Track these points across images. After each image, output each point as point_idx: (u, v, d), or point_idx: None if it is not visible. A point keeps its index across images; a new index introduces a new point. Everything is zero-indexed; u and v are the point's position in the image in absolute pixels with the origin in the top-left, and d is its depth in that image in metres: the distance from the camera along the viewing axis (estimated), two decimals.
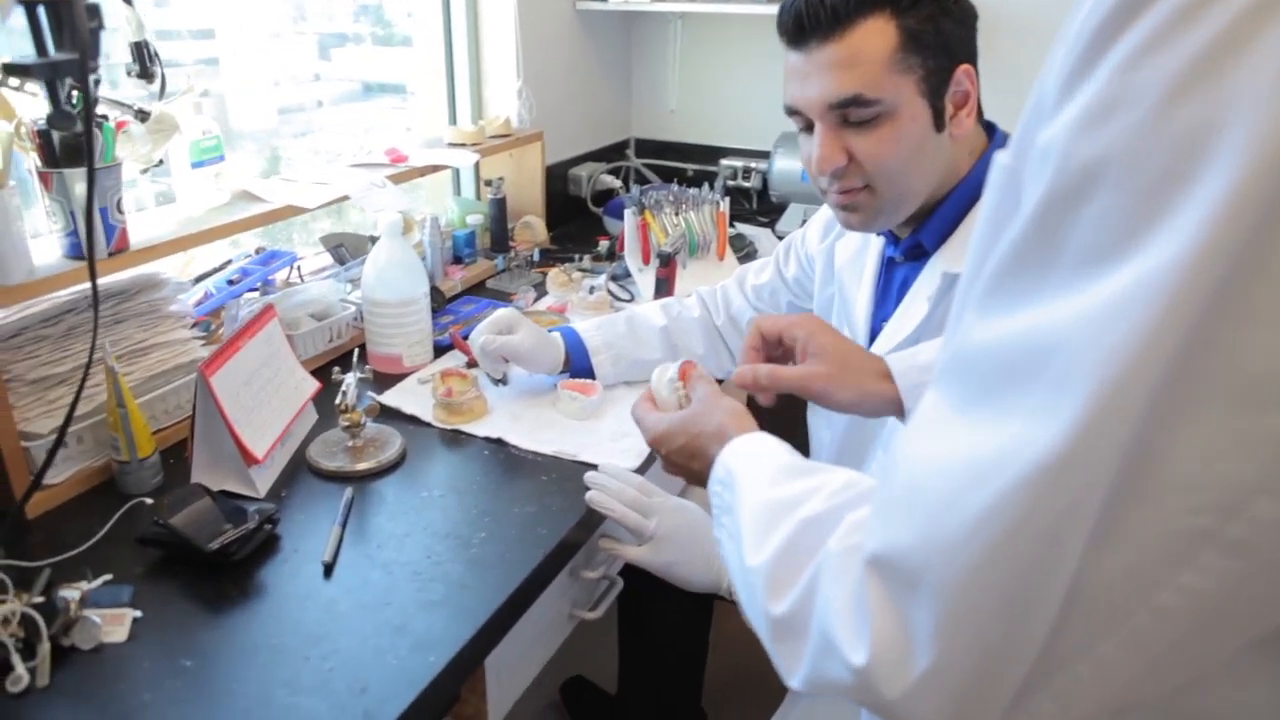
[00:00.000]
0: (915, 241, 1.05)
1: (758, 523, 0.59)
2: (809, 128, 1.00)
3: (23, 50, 0.89)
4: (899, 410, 0.85)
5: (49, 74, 0.82)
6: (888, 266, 1.12)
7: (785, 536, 0.55)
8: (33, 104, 0.97)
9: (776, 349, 0.90)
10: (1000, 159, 0.42)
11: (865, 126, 0.95)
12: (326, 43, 1.84)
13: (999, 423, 0.37)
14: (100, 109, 1.02)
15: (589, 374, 1.28)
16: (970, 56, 0.98)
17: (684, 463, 0.84)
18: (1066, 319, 0.35)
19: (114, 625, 0.82)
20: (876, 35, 0.93)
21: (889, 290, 1.13)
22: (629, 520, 1.03)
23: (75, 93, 0.93)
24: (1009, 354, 0.37)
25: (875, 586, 0.43)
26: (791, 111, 1.01)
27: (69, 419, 0.82)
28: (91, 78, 0.93)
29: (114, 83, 1.21)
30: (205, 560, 0.89)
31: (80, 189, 0.96)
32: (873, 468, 1.07)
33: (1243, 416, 0.33)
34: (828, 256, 1.23)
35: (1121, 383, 0.33)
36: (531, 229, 1.94)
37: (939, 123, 0.97)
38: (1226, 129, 0.31)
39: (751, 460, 0.69)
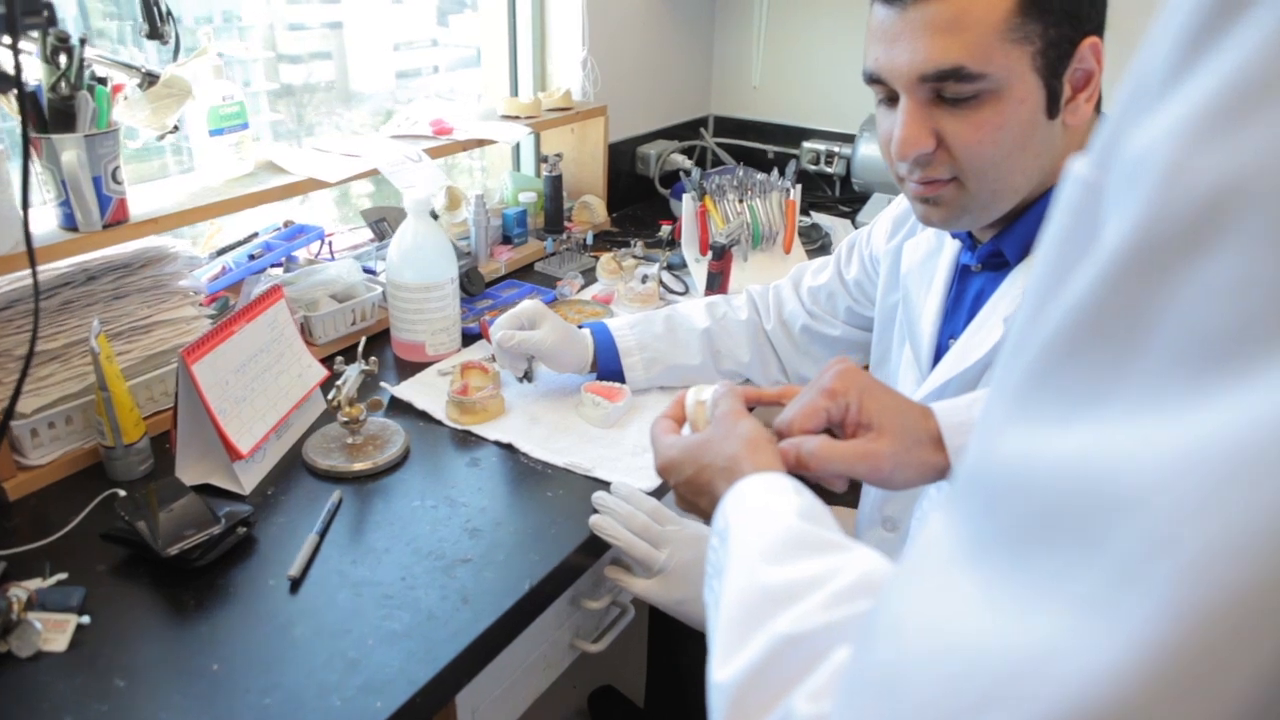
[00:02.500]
0: (995, 249, 0.89)
1: (735, 617, 0.47)
2: (892, 99, 0.84)
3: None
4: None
5: None
6: (961, 275, 0.97)
7: (759, 655, 0.43)
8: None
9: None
10: (1076, 168, 0.28)
11: (963, 105, 0.78)
12: (445, 8, 1.84)
13: (1032, 603, 0.24)
14: (101, 71, 0.95)
15: (619, 377, 1.17)
16: (1099, 28, 0.80)
17: (692, 498, 0.72)
18: (1160, 454, 0.21)
19: (55, 632, 0.76)
20: None
21: (961, 302, 0.97)
22: (636, 550, 0.91)
23: (63, 55, 0.87)
24: (1057, 489, 0.23)
25: None
26: (873, 79, 0.84)
27: (10, 411, 0.76)
28: (76, 37, 0.87)
29: (138, 46, 1.16)
30: (167, 564, 0.83)
31: (69, 156, 0.90)
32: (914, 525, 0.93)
33: None
34: (894, 258, 1.08)
35: (1253, 585, 0.19)
36: (590, 209, 1.84)
37: (1053, 107, 0.80)
38: None
39: (753, 519, 0.56)
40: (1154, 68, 0.23)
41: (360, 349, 1.08)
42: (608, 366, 1.17)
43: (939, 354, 0.97)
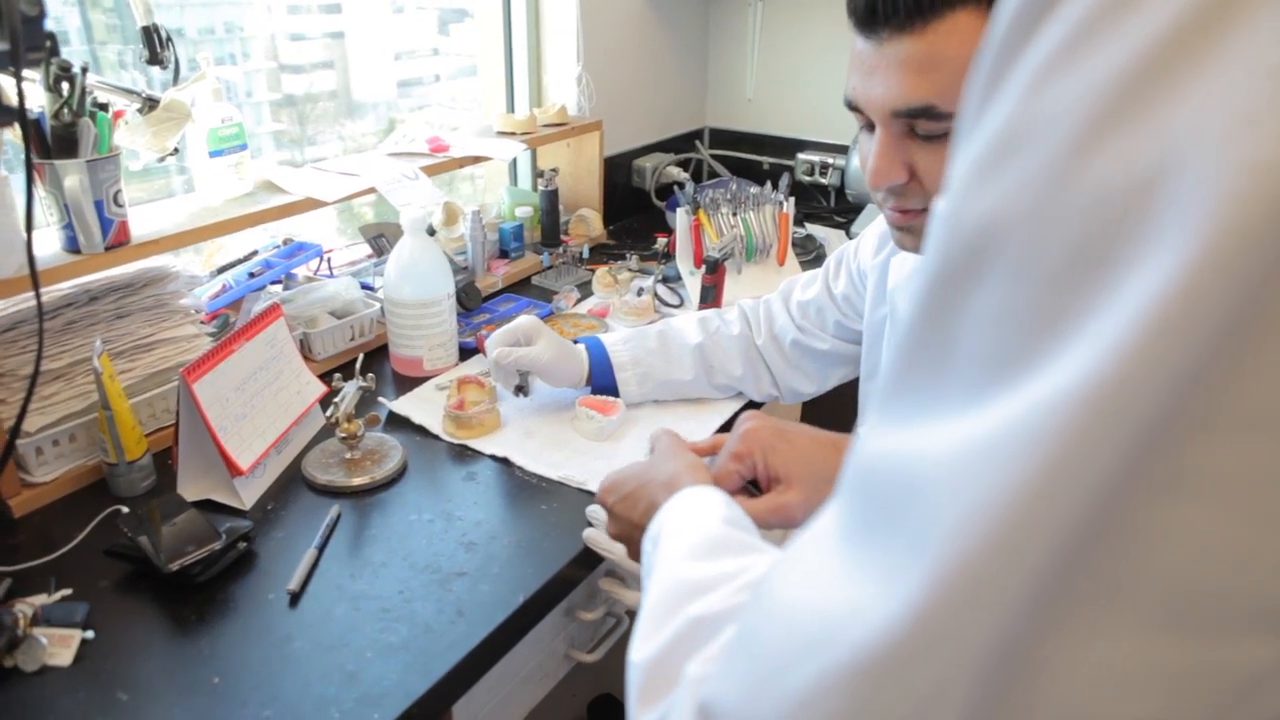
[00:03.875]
0: None
1: (656, 607, 0.51)
2: (870, 127, 0.85)
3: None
4: None
5: None
6: None
7: (670, 635, 0.46)
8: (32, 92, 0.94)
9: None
10: (938, 206, 0.31)
11: (935, 142, 0.79)
12: (446, 18, 1.87)
13: (859, 572, 0.28)
14: (102, 96, 0.98)
15: (612, 391, 1.19)
16: None
17: (627, 513, 0.77)
18: (941, 450, 0.25)
19: (60, 647, 0.78)
20: (963, 34, 0.75)
21: None
22: (628, 563, 0.93)
23: (65, 83, 0.89)
24: (886, 482, 0.28)
25: None
26: (851, 107, 0.85)
27: (16, 430, 0.78)
28: (78, 66, 0.89)
29: (141, 70, 1.19)
30: (169, 579, 0.84)
31: (71, 181, 0.92)
32: None
33: (1157, 637, 0.22)
34: (881, 273, 1.10)
35: (987, 556, 0.23)
36: (586, 223, 1.86)
37: None
38: (1173, 182, 0.19)
39: (683, 523, 0.61)
40: (961, 120, 0.27)
41: (358, 365, 1.09)
42: (601, 381, 1.19)
43: None
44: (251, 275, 1.24)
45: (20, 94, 0.64)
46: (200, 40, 1.40)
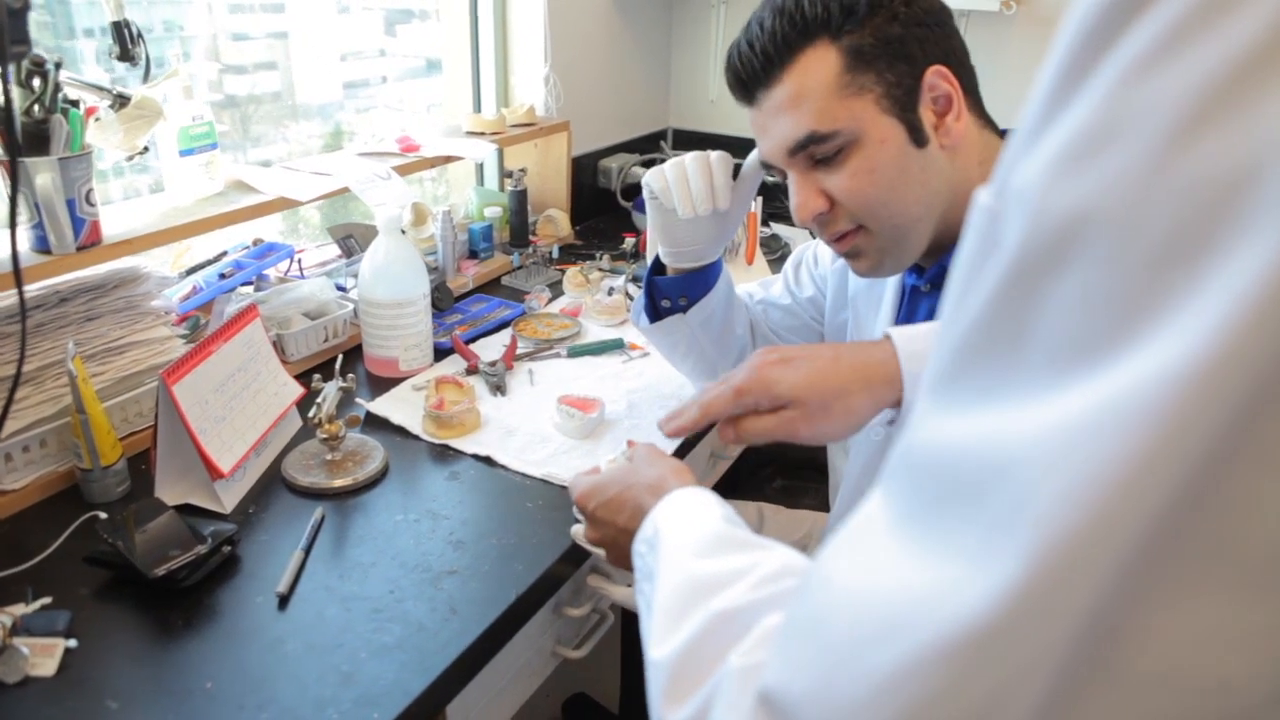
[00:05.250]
0: (942, 268, 0.94)
1: (670, 605, 0.52)
2: (784, 176, 0.93)
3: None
4: (898, 401, 0.73)
5: None
6: (911, 295, 1.01)
7: (694, 630, 0.47)
8: None
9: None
10: (980, 197, 0.33)
11: (833, 162, 0.86)
12: (392, 18, 1.84)
13: (934, 555, 0.28)
14: (72, 93, 0.95)
15: (698, 295, 1.11)
16: (942, 56, 0.86)
17: (610, 518, 0.77)
18: (1026, 433, 0.26)
19: (43, 657, 0.76)
20: (817, 65, 0.84)
21: (912, 322, 1.01)
22: None
23: (38, 79, 0.87)
24: (957, 466, 0.28)
25: None
26: (767, 168, 0.95)
27: None
28: (51, 61, 0.87)
29: (108, 66, 1.16)
30: (153, 585, 0.83)
31: (43, 180, 0.90)
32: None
33: (1250, 598, 0.23)
34: (840, 277, 1.13)
35: (1086, 532, 0.24)
36: (554, 223, 1.86)
37: (918, 138, 0.86)
38: (1268, 176, 0.21)
39: (682, 523, 0.62)
40: (1032, 113, 0.28)
41: (338, 366, 1.09)
42: (704, 280, 1.11)
43: None
44: (222, 276, 1.22)
45: (6, 90, 0.62)
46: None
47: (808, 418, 0.72)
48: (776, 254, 1.84)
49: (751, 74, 0.88)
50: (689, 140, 2.35)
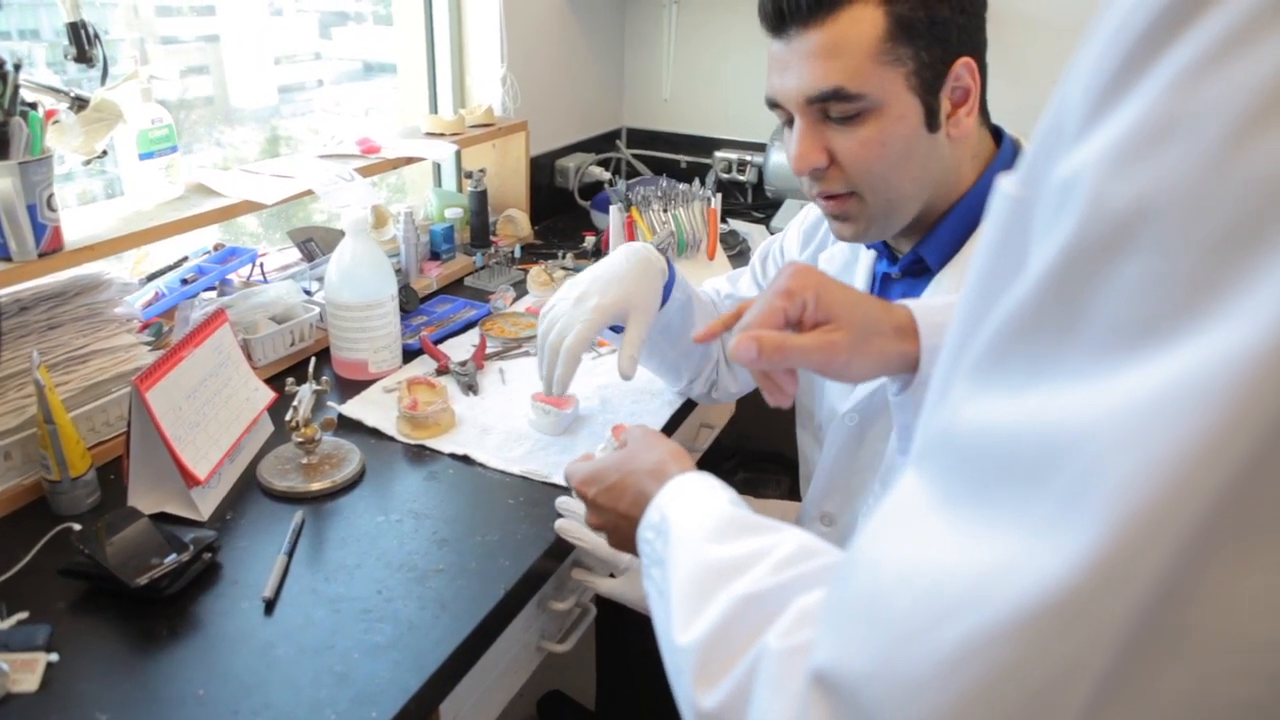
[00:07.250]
0: (916, 257, 0.96)
1: (690, 590, 0.52)
2: (790, 122, 0.92)
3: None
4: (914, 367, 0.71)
5: None
6: (883, 283, 1.04)
7: (720, 615, 0.48)
8: None
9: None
10: (1005, 186, 0.34)
11: (848, 123, 0.87)
12: (327, 21, 1.80)
13: (992, 533, 0.29)
14: (30, 95, 0.93)
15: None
16: (974, 48, 0.88)
17: (611, 504, 0.76)
18: (1090, 411, 0.27)
19: (24, 672, 0.74)
20: (862, 23, 0.84)
21: None
22: (601, 551, 0.95)
23: None
24: (1011, 445, 0.29)
25: (821, 710, 0.35)
26: (773, 104, 0.93)
27: None
28: (11, 62, 0.85)
29: (59, 67, 1.13)
30: (134, 595, 0.81)
31: (3, 184, 0.88)
32: (861, 521, 0.99)
33: None
34: None
35: (1162, 503, 0.25)
36: (514, 223, 1.86)
37: (932, 122, 0.88)
38: None
39: (690, 508, 0.62)
40: (1070, 110, 0.29)
41: (311, 368, 1.08)
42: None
43: None
44: (184, 282, 1.20)
45: None
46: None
47: (849, 344, 0.68)
48: (735, 250, 1.87)
49: (794, 8, 0.85)
50: (643, 139, 2.37)
